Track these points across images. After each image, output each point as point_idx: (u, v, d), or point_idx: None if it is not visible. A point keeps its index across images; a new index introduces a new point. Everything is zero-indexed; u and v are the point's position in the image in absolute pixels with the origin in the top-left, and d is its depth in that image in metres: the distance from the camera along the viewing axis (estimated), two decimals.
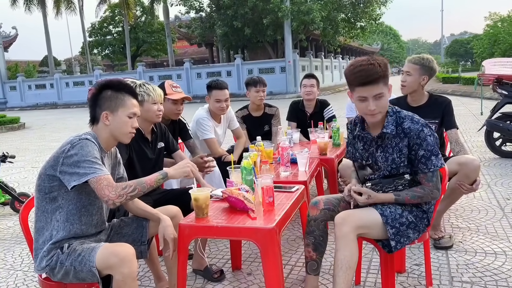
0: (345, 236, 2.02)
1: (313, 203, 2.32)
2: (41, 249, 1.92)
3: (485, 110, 6.53)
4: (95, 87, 2.07)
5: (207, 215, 2.12)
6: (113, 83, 2.08)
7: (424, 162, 2.08)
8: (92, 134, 2.00)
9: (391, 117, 2.14)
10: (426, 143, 2.06)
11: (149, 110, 2.70)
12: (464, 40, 65.93)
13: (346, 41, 31.63)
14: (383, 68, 2.02)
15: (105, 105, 2.02)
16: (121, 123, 2.03)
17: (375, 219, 2.09)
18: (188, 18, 32.42)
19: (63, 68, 43.53)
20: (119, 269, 1.77)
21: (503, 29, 28.93)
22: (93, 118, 2.06)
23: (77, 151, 1.84)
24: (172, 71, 28.14)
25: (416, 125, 2.08)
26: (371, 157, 2.25)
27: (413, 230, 2.14)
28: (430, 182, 2.10)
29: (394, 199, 2.13)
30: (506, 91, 5.43)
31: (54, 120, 17.83)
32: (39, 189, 1.94)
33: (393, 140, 2.14)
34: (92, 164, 1.84)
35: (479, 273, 2.58)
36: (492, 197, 4.00)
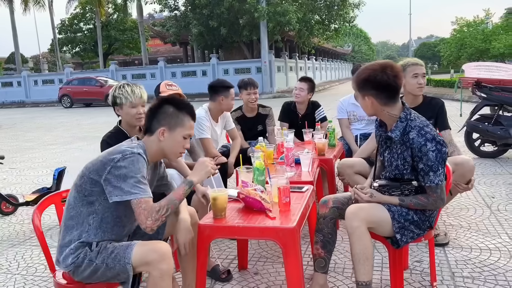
0: (356, 230, 2.11)
1: (322, 202, 2.40)
2: (67, 247, 1.90)
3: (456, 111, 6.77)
4: (157, 100, 2.06)
5: (225, 216, 2.14)
6: (176, 100, 2.07)
7: (422, 175, 2.15)
8: (142, 146, 1.98)
9: (401, 123, 2.19)
10: (427, 158, 2.10)
11: (128, 113, 2.70)
12: (431, 43, 67.96)
13: (320, 42, 32.03)
14: None
15: (164, 120, 2.00)
16: (175, 142, 2.02)
17: (383, 215, 2.18)
18: (161, 17, 32.05)
19: (30, 65, 42.13)
20: (158, 265, 1.79)
21: (469, 33, 29.96)
22: (147, 129, 2.04)
23: (127, 165, 1.83)
24: (146, 69, 27.76)
25: (420, 138, 2.11)
26: (381, 155, 2.35)
27: (416, 227, 2.23)
28: (435, 194, 2.15)
29: (398, 203, 2.20)
30: (484, 93, 5.66)
31: (24, 119, 17.27)
32: (79, 189, 1.92)
33: (399, 147, 2.21)
34: (138, 184, 1.83)
35: (478, 269, 2.70)
36: (478, 195, 4.18)
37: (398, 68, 2.17)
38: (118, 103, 2.69)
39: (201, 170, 2.11)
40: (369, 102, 2.20)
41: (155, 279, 1.81)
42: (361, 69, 2.24)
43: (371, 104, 2.20)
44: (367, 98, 2.20)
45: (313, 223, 2.71)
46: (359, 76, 2.21)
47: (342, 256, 2.99)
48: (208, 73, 25.55)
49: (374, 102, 2.19)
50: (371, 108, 2.23)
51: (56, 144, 9.64)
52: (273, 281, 2.69)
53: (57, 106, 24.81)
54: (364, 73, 2.19)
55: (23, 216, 4.35)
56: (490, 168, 5.25)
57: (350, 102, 4.39)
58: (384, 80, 2.13)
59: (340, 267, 2.83)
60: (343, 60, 59.08)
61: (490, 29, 29.11)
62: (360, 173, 3.16)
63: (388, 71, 2.13)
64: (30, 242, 3.59)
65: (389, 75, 2.12)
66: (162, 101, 2.05)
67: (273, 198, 2.28)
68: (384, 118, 2.26)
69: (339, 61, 53.92)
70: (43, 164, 7.25)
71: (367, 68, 2.20)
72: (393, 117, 2.21)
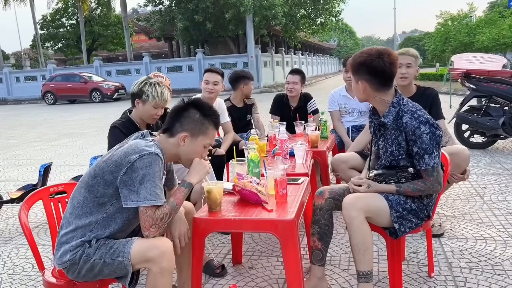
0: (354, 220, 2.08)
1: (318, 193, 2.36)
2: (68, 243, 1.81)
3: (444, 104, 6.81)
4: (186, 103, 1.97)
5: (220, 209, 2.08)
6: (204, 106, 1.97)
7: (417, 159, 2.12)
8: (159, 146, 1.87)
9: (394, 108, 2.17)
10: (421, 140, 2.08)
11: (148, 111, 2.67)
12: (415, 37, 68.56)
13: (306, 37, 32.05)
14: None
15: (188, 126, 1.91)
16: (195, 149, 1.95)
17: (381, 204, 2.14)
18: (146, 12, 31.66)
19: (12, 62, 41.27)
20: (158, 262, 1.72)
21: (454, 27, 30.23)
22: (168, 129, 1.93)
23: (144, 167, 1.73)
24: (130, 65, 27.41)
25: (414, 121, 2.10)
26: (376, 143, 2.32)
27: (414, 217, 2.20)
28: (431, 177, 2.12)
29: (395, 190, 2.17)
30: (473, 85, 5.68)
31: (6, 117, 16.90)
32: (90, 189, 1.81)
33: (393, 132, 2.18)
34: (155, 188, 1.74)
35: (475, 259, 2.68)
36: (470, 186, 4.18)
37: (395, 56, 2.14)
38: (143, 98, 2.64)
39: (199, 170, 1.99)
40: (362, 86, 2.17)
41: (155, 276, 1.74)
42: (358, 53, 2.21)
43: (364, 89, 2.17)
44: (360, 82, 2.17)
45: (308, 215, 2.66)
46: (355, 59, 2.18)
47: (338, 248, 2.95)
48: (194, 68, 25.34)
49: (367, 87, 2.16)
50: (363, 93, 2.20)
51: (40, 141, 9.43)
52: (269, 275, 2.64)
53: (41, 103, 24.36)
54: (361, 57, 2.15)
55: (8, 214, 4.22)
56: (480, 159, 5.27)
57: (341, 95, 4.34)
58: (380, 66, 2.09)
59: (336, 259, 2.79)
60: (329, 54, 59.26)
61: (474, 22, 29.39)
62: (354, 168, 3.11)
63: (385, 58, 2.10)
64: (16, 241, 3.47)
65: (385, 62, 2.09)
66: (189, 104, 1.96)
67: (269, 190, 2.23)
68: (376, 104, 2.23)
69: (325, 56, 54.07)
70: (28, 161, 7.08)
71: (364, 52, 2.17)
72: (385, 103, 2.19)
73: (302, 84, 4.39)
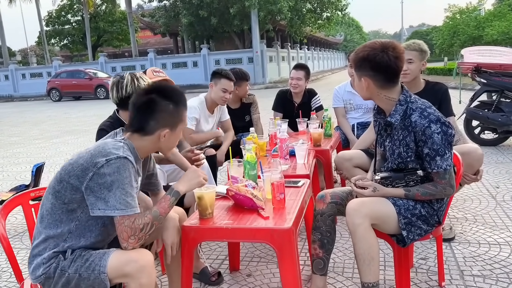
0: (359, 227, 1.90)
1: (319, 197, 2.19)
2: (40, 255, 1.65)
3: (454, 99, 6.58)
4: (146, 92, 1.73)
5: (212, 215, 1.91)
6: (171, 93, 1.75)
7: (428, 161, 1.94)
8: (129, 145, 1.70)
9: (401, 106, 1.99)
10: (432, 141, 1.90)
11: None
12: (423, 31, 67.72)
13: (312, 31, 31.70)
14: None
15: (166, 121, 1.72)
16: (175, 139, 1.81)
17: (389, 210, 1.97)
18: (150, 7, 31.49)
19: (18, 59, 41.32)
20: (137, 278, 1.56)
21: (462, 20, 29.81)
22: (141, 128, 1.72)
23: (112, 172, 1.56)
24: (135, 61, 27.28)
25: (423, 120, 1.92)
26: (382, 145, 2.15)
27: (423, 223, 2.02)
28: (443, 180, 1.95)
29: (404, 195, 1.99)
30: (484, 79, 5.47)
31: (11, 114, 16.86)
32: (57, 195, 1.64)
33: (400, 132, 2.01)
34: (126, 196, 1.58)
35: (488, 266, 2.50)
36: (481, 185, 3.98)
37: (400, 49, 1.95)
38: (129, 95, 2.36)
39: (191, 179, 1.82)
40: (365, 84, 1.99)
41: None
42: (360, 47, 2.02)
43: (367, 87, 2.00)
44: (363, 79, 1.99)
45: (310, 220, 2.49)
46: (358, 54, 1.99)
47: (342, 254, 2.78)
48: (199, 64, 25.16)
49: (370, 84, 1.98)
50: (366, 91, 2.02)
51: (42, 138, 9.33)
52: (267, 283, 2.47)
53: (46, 99, 24.34)
54: (363, 52, 1.96)
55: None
56: (491, 156, 5.07)
57: (346, 90, 4.17)
58: (385, 61, 1.91)
59: (339, 266, 2.62)
60: (335, 49, 58.80)
61: (483, 15, 28.93)
62: (359, 166, 2.93)
63: (389, 52, 1.91)
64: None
65: (390, 56, 1.91)
66: (152, 94, 1.72)
67: (266, 194, 2.06)
68: (381, 102, 2.05)
69: (331, 51, 53.64)
70: (27, 159, 6.97)
71: (367, 46, 1.98)
72: (391, 101, 2.01)
73: (306, 80, 4.21)
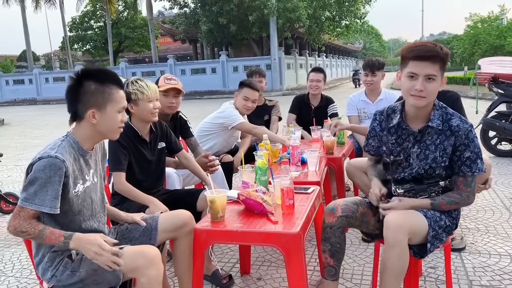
0: (400, 243, 1.86)
1: (330, 210, 2.13)
2: (41, 261, 1.75)
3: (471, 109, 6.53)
4: (73, 77, 1.76)
5: (223, 219, 1.99)
6: (95, 72, 1.77)
7: (468, 165, 1.96)
8: (70, 141, 1.76)
9: (437, 111, 2.02)
10: (474, 144, 1.95)
11: (144, 109, 2.49)
12: (444, 40, 66.88)
13: (331, 39, 31.68)
14: (444, 52, 1.91)
15: (90, 101, 1.73)
16: (110, 120, 1.78)
17: (423, 223, 1.95)
18: (171, 14, 31.98)
19: (42, 63, 42.35)
20: (146, 271, 1.65)
21: (483, 29, 29.42)
22: (74, 114, 1.77)
23: (38, 170, 1.63)
24: (155, 67, 27.71)
25: (466, 125, 1.96)
26: (403, 152, 2.10)
27: (446, 234, 2.04)
28: (468, 188, 1.98)
29: (430, 204, 2.00)
30: (502, 89, 5.43)
31: (34, 117, 17.32)
32: None
33: (437, 137, 2.01)
34: (42, 193, 1.62)
35: (498, 276, 2.51)
36: (495, 196, 3.97)
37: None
38: (133, 99, 2.48)
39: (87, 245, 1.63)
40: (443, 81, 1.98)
41: (142, 286, 1.66)
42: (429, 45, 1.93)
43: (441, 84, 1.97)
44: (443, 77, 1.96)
45: (319, 225, 2.54)
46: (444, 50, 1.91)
47: (351, 261, 2.82)
48: (218, 70, 25.42)
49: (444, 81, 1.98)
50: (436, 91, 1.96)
51: None
52: (277, 287, 2.53)
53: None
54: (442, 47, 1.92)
55: None
56: (507, 167, 5.02)
57: (361, 99, 4.21)
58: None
59: (348, 273, 2.66)
60: (354, 57, 58.56)
61: (505, 25, 28.49)
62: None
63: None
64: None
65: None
66: (78, 77, 1.74)
67: (276, 200, 2.13)
68: (427, 107, 2.01)
69: (349, 58, 53.46)
70: None
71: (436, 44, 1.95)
72: (430, 106, 2.02)
73: (324, 82, 4.37)
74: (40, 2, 33.32)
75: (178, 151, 2.79)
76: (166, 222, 2.04)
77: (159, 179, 2.71)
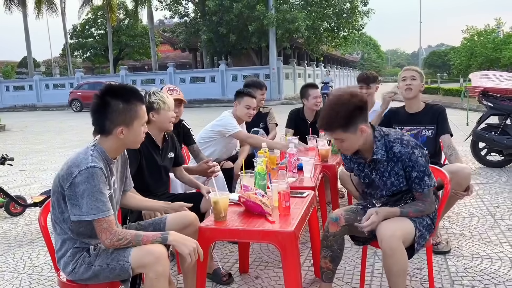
0: (397, 250, 2.08)
1: (333, 219, 2.30)
2: (64, 256, 1.94)
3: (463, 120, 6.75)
4: (100, 95, 1.91)
5: (225, 219, 2.18)
6: (121, 92, 1.92)
7: (417, 183, 2.19)
8: (99, 150, 1.92)
9: (379, 141, 2.22)
10: (418, 164, 2.16)
11: (165, 118, 2.73)
12: (441, 51, 67.52)
13: (329, 50, 32.06)
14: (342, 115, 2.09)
15: (118, 119, 1.90)
16: (136, 134, 1.98)
17: (411, 226, 2.18)
18: (172, 23, 32.34)
19: (42, 69, 42.66)
20: (153, 267, 1.84)
21: (480, 42, 29.76)
22: (102, 129, 1.93)
23: (83, 181, 1.78)
24: (155, 75, 27.99)
25: (406, 149, 2.16)
26: (367, 177, 2.38)
27: (428, 232, 2.27)
28: (428, 198, 2.23)
29: (399, 212, 2.22)
30: (491, 103, 5.66)
31: (35, 122, 17.50)
32: (54, 206, 1.92)
33: (387, 165, 2.24)
34: (96, 202, 1.79)
35: (478, 277, 2.71)
36: (482, 204, 4.17)
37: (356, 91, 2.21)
38: (155, 108, 2.70)
39: (185, 241, 1.91)
40: (366, 131, 2.15)
41: (151, 281, 1.85)
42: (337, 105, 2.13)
43: (368, 134, 2.18)
44: (363, 127, 2.14)
45: (313, 228, 2.74)
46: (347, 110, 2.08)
47: (343, 262, 2.99)
48: (217, 79, 25.70)
49: (369, 129, 2.18)
50: (364, 139, 2.18)
51: (65, 147, 9.76)
52: (274, 285, 2.72)
53: (67, 110, 25.09)
54: (350, 104, 2.10)
55: (31, 217, 4.43)
56: (495, 177, 5.23)
57: None
58: (364, 102, 2.15)
59: (340, 273, 2.85)
60: (352, 67, 59.05)
61: (501, 38, 28.89)
62: None
63: (358, 94, 2.16)
64: (37, 243, 3.66)
65: (360, 97, 2.15)
66: (104, 97, 1.89)
67: (273, 202, 2.32)
68: (366, 143, 2.22)
69: (348, 69, 53.91)
70: (52, 166, 7.35)
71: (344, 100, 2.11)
72: (369, 140, 2.21)
73: None
74: (42, 10, 33.58)
75: (180, 164, 3.01)
76: (173, 222, 2.24)
77: (165, 184, 2.93)
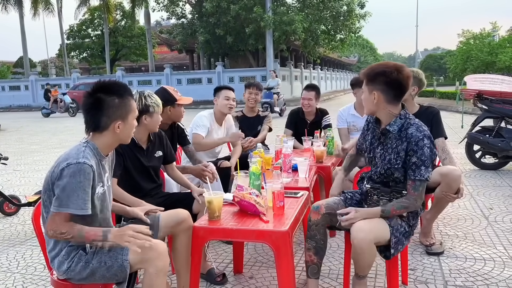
0: (366, 248, 2.12)
1: (314, 208, 2.38)
2: (58, 255, 1.92)
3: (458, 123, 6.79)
4: (92, 93, 1.92)
5: (219, 218, 2.19)
6: (114, 88, 1.95)
7: (413, 169, 2.19)
8: (91, 147, 1.92)
9: (400, 120, 2.27)
10: (421, 152, 2.17)
11: (156, 121, 2.71)
12: (437, 55, 67.84)
13: (326, 52, 32.14)
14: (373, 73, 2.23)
15: (115, 114, 1.92)
16: (130, 127, 2.01)
17: (386, 231, 2.20)
18: (169, 24, 32.35)
19: (38, 70, 42.53)
20: (154, 262, 1.85)
21: (475, 46, 29.92)
22: (97, 126, 1.93)
23: (69, 174, 1.78)
24: (152, 76, 27.96)
25: (419, 133, 2.19)
26: (372, 151, 2.40)
27: (406, 239, 2.29)
28: (416, 192, 2.21)
29: (380, 211, 2.22)
30: (485, 105, 5.69)
31: (30, 123, 17.43)
32: (45, 204, 1.90)
33: (394, 142, 2.27)
34: (77, 199, 1.78)
35: (471, 278, 2.72)
36: (476, 206, 4.19)
37: (410, 72, 2.26)
38: (150, 112, 2.67)
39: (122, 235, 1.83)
40: (375, 97, 2.23)
41: (151, 276, 1.86)
42: (374, 65, 2.29)
43: (377, 100, 2.24)
44: (375, 92, 2.23)
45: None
46: (373, 69, 2.24)
47: (337, 262, 3.01)
48: (214, 80, 25.69)
49: (380, 98, 2.23)
50: (373, 105, 2.26)
51: (60, 147, 9.72)
52: (267, 286, 2.72)
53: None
54: (379, 68, 2.23)
55: (25, 217, 4.41)
56: (490, 180, 5.26)
57: (350, 113, 4.41)
58: (399, 79, 2.19)
59: (334, 273, 2.86)
60: (348, 70, 59.26)
61: (497, 42, 29.07)
62: (351, 180, 3.18)
63: (404, 72, 2.20)
64: (31, 242, 3.64)
65: (404, 76, 2.19)
66: (98, 94, 1.90)
67: (268, 202, 2.33)
68: (382, 115, 2.30)
69: (344, 71, 54.09)
70: (47, 167, 7.32)
71: (382, 64, 2.25)
72: (392, 115, 2.27)
73: (317, 100, 4.51)
74: (38, 10, 33.49)
75: (170, 162, 2.97)
76: (167, 219, 2.25)
77: (157, 183, 2.90)
